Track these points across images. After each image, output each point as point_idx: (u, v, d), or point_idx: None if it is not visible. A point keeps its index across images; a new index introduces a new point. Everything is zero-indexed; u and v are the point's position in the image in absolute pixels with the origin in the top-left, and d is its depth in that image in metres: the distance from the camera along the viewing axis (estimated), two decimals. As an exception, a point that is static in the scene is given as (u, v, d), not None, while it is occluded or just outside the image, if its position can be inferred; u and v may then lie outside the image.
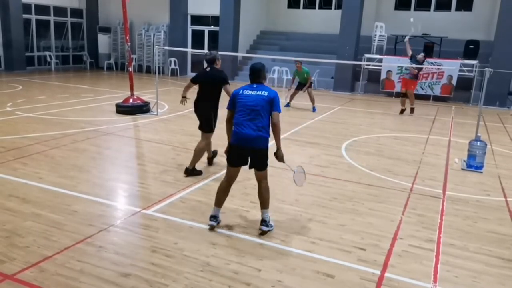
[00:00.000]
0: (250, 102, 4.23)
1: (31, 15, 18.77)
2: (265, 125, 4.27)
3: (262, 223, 4.37)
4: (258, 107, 4.22)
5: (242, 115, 4.23)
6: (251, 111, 4.21)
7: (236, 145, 4.27)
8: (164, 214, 4.65)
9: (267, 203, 4.41)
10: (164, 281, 3.41)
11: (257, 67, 4.41)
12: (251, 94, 4.27)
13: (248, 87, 4.35)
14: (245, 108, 4.22)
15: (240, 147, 4.26)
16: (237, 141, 4.25)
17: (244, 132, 4.20)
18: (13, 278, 3.36)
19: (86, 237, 4.05)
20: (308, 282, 3.50)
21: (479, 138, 6.94)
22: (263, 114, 4.23)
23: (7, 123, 8.62)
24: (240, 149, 4.27)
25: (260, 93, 4.27)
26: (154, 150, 7.34)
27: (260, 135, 4.23)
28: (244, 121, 4.21)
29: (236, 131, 4.24)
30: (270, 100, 4.26)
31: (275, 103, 4.30)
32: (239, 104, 4.26)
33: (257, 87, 4.33)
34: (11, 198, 4.89)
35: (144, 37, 19.91)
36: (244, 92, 4.30)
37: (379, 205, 5.26)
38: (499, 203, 5.57)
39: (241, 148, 4.26)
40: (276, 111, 4.31)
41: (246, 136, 4.20)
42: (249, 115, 4.21)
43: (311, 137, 8.70)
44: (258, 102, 4.23)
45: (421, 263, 3.91)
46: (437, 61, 15.04)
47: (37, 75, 17.04)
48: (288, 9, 20.77)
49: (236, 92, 4.35)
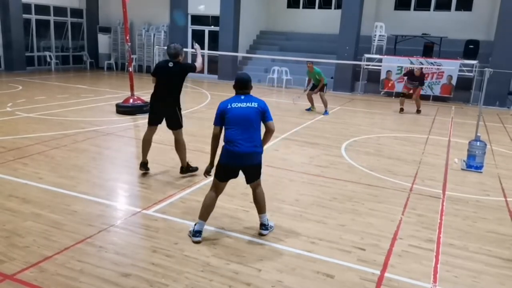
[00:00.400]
0: (243, 116, 3.98)
1: (31, 15, 18.76)
2: (259, 138, 4.10)
3: (262, 227, 4.31)
4: (251, 121, 4.01)
5: (236, 132, 3.98)
6: (245, 126, 3.99)
7: (229, 164, 4.07)
8: (164, 214, 4.66)
9: (264, 207, 4.32)
10: (165, 281, 3.41)
11: (246, 77, 4.20)
12: (242, 107, 4.01)
13: (237, 100, 4.07)
14: (239, 123, 3.98)
15: (234, 166, 4.08)
16: (231, 160, 4.03)
17: (239, 151, 3.97)
18: (13, 278, 3.37)
19: (86, 237, 4.06)
20: (308, 282, 3.50)
21: (478, 138, 6.95)
22: (256, 127, 4.05)
23: (7, 123, 8.63)
24: (234, 167, 4.09)
25: (250, 105, 4.03)
26: (154, 150, 7.31)
27: (256, 151, 4.07)
28: (239, 139, 3.97)
29: (230, 149, 3.99)
30: (262, 111, 4.07)
31: (267, 113, 4.11)
32: (230, 120, 3.99)
33: (245, 98, 4.08)
34: (11, 198, 4.90)
35: (144, 37, 19.92)
36: (234, 106, 4.01)
37: (379, 205, 5.26)
38: (499, 203, 5.58)
39: (235, 166, 4.08)
40: (270, 121, 4.11)
41: (242, 154, 3.99)
42: (243, 130, 3.98)
43: (311, 137, 8.71)
44: (251, 116, 4.01)
45: (421, 263, 3.92)
46: (437, 61, 15.04)
47: (37, 75, 17.04)
48: (287, 9, 20.78)
49: (224, 107, 4.03)
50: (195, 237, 4.09)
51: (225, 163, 4.08)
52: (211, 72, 19.73)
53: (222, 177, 4.17)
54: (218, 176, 4.18)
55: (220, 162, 4.12)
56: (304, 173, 6.37)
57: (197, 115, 8.34)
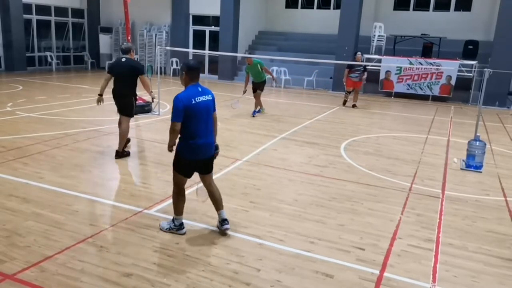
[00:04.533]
0: (205, 110, 4.06)
1: (31, 15, 18.77)
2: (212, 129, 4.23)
3: (224, 222, 4.29)
4: (210, 113, 4.14)
5: (201, 126, 4.05)
6: (206, 119, 4.09)
7: (196, 159, 4.10)
8: (166, 214, 4.67)
9: (222, 202, 4.36)
10: (166, 281, 3.43)
11: (198, 65, 4.21)
12: (203, 101, 4.05)
13: (196, 93, 4.04)
14: (202, 117, 4.04)
15: (200, 159, 4.12)
16: (198, 155, 4.08)
17: (205, 143, 4.07)
18: (13, 278, 3.38)
19: (87, 237, 4.07)
20: (307, 282, 3.52)
21: (478, 138, 6.96)
22: (211, 120, 4.18)
23: (8, 123, 8.64)
24: (200, 160, 4.13)
25: (208, 97, 4.11)
26: (156, 150, 7.37)
27: (214, 141, 4.22)
28: (203, 132, 4.06)
29: (197, 143, 4.03)
30: (213, 102, 4.20)
31: (214, 104, 4.22)
32: (196, 115, 3.99)
33: (203, 90, 4.10)
34: (12, 198, 4.91)
35: (145, 37, 19.93)
36: (197, 100, 4.00)
37: (378, 205, 5.28)
38: (499, 203, 5.60)
39: (201, 159, 4.12)
40: (214, 112, 4.22)
41: (208, 147, 4.11)
42: (205, 123, 4.08)
43: (310, 137, 8.72)
44: (210, 108, 4.12)
45: (420, 262, 3.93)
46: (436, 62, 15.06)
47: (37, 75, 17.05)
48: (286, 9, 20.79)
49: (188, 103, 3.95)
50: (182, 230, 4.24)
51: (192, 159, 4.10)
52: (211, 72, 19.76)
53: (188, 173, 4.21)
54: (183, 173, 4.19)
55: (185, 158, 4.10)
56: (303, 173, 6.39)
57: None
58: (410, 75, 15.43)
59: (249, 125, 9.65)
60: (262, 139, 8.26)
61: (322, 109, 12.32)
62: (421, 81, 15.36)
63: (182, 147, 4.08)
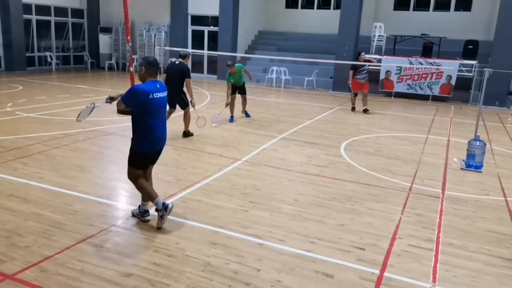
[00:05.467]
0: (163, 106, 4.29)
1: (31, 15, 18.76)
2: None
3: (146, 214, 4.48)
4: (165, 109, 4.39)
5: (158, 120, 4.25)
6: (162, 113, 4.33)
7: (152, 152, 4.35)
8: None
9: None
10: (166, 281, 3.43)
11: (157, 62, 4.38)
12: (161, 97, 4.22)
13: (155, 89, 4.15)
14: (160, 112, 4.26)
15: (156, 151, 4.39)
16: (155, 147, 4.33)
17: (160, 136, 4.31)
18: (13, 278, 3.38)
19: (87, 237, 4.07)
20: (307, 282, 3.52)
21: (478, 138, 6.96)
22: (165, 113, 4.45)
23: (8, 123, 8.64)
24: (156, 152, 4.40)
25: (164, 94, 4.29)
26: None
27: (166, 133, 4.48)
28: (160, 126, 4.29)
29: (154, 137, 4.24)
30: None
31: None
32: (154, 110, 4.16)
33: (160, 87, 4.23)
34: (12, 198, 4.91)
35: (145, 37, 19.93)
36: (155, 96, 4.13)
37: (378, 204, 5.28)
38: (499, 203, 5.59)
39: (157, 151, 4.39)
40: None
41: (161, 139, 4.37)
42: (162, 117, 4.33)
43: (310, 137, 8.72)
44: (165, 105, 4.36)
45: (420, 262, 3.93)
46: (436, 61, 15.06)
47: (37, 76, 17.05)
48: (286, 9, 20.79)
49: (145, 98, 4.08)
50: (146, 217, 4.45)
51: (149, 152, 4.32)
52: (210, 72, 19.75)
53: (145, 166, 4.43)
54: (141, 166, 4.38)
55: (143, 152, 4.30)
56: (303, 173, 6.39)
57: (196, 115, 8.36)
58: (410, 75, 15.43)
59: (249, 125, 9.65)
60: (262, 139, 8.26)
61: (322, 109, 12.32)
62: (421, 81, 15.35)
63: (139, 141, 4.25)
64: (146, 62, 4.20)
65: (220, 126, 9.24)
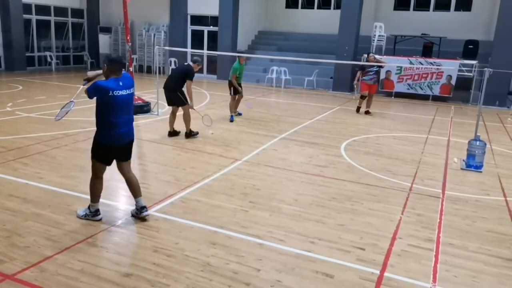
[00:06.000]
0: (126, 102, 4.28)
1: (31, 15, 18.77)
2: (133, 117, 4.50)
3: (143, 209, 4.50)
4: (131, 104, 4.39)
5: (121, 117, 4.26)
6: (126, 110, 4.32)
7: (115, 147, 4.34)
8: (165, 214, 4.67)
9: (140, 190, 4.56)
10: (166, 281, 3.42)
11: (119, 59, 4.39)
12: (124, 94, 4.23)
13: (118, 86, 4.18)
14: (123, 109, 4.26)
15: (120, 147, 4.37)
16: (117, 142, 4.32)
17: (124, 132, 4.33)
18: (13, 278, 3.38)
19: (87, 237, 4.07)
20: (307, 282, 3.52)
21: (478, 138, 6.96)
22: (132, 110, 4.47)
23: (8, 123, 8.64)
24: (119, 149, 4.38)
25: (129, 91, 4.30)
26: (155, 150, 7.36)
27: (133, 129, 4.49)
28: (123, 122, 4.29)
29: (118, 133, 4.27)
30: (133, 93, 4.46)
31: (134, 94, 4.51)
32: (116, 107, 4.19)
33: (123, 84, 4.24)
34: (12, 198, 4.91)
35: (144, 37, 19.94)
36: (115, 94, 4.15)
37: (378, 204, 5.27)
38: (499, 203, 5.59)
39: (119, 145, 4.36)
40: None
41: (126, 135, 4.36)
42: (125, 114, 4.32)
43: (310, 137, 8.72)
44: (131, 101, 4.37)
45: (420, 262, 3.93)
46: (436, 61, 15.06)
47: (37, 75, 17.05)
48: (286, 9, 20.80)
49: (106, 94, 4.12)
50: (98, 216, 4.43)
51: (111, 146, 4.33)
52: (210, 72, 19.75)
53: (107, 160, 4.42)
54: (103, 160, 4.39)
55: (105, 145, 4.32)
56: (303, 173, 6.39)
57: (196, 115, 8.35)
58: (410, 75, 15.44)
59: (249, 125, 9.64)
60: (262, 139, 8.26)
61: (322, 109, 12.32)
62: (421, 81, 15.35)
63: (101, 135, 4.31)
64: (108, 59, 4.27)
65: (220, 126, 9.23)
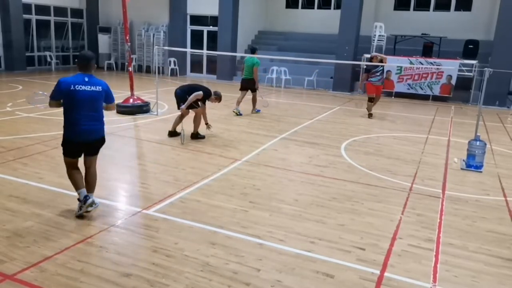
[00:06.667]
0: (89, 99, 4.26)
1: (31, 15, 18.77)
2: (102, 116, 4.48)
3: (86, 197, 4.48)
4: (96, 103, 4.34)
5: (82, 113, 4.28)
6: (90, 108, 4.30)
7: (77, 142, 4.39)
8: (164, 214, 4.66)
9: (94, 187, 4.60)
10: (165, 281, 3.42)
11: (89, 55, 4.38)
12: (87, 90, 4.22)
13: (81, 82, 4.23)
14: (84, 106, 4.25)
15: (82, 143, 4.40)
16: (79, 137, 4.36)
17: (87, 128, 4.33)
18: (13, 278, 3.37)
19: (86, 237, 4.06)
20: (308, 282, 3.51)
21: (478, 138, 6.96)
22: (99, 109, 4.43)
23: (8, 123, 8.63)
24: (82, 144, 4.41)
25: (95, 88, 4.29)
26: (154, 150, 7.36)
27: (100, 127, 4.47)
28: (84, 119, 4.30)
29: (80, 129, 4.31)
30: (105, 94, 4.42)
31: (108, 95, 4.47)
32: (76, 102, 4.22)
33: (89, 80, 4.26)
34: (12, 198, 4.91)
35: (144, 37, 19.93)
36: (77, 88, 4.19)
37: (379, 204, 5.27)
38: (499, 203, 5.59)
39: (83, 143, 4.40)
40: (112, 103, 4.53)
41: (91, 132, 4.37)
42: (88, 111, 4.30)
43: (310, 137, 8.71)
44: (95, 100, 4.32)
45: (421, 262, 3.92)
46: (436, 61, 15.06)
47: (37, 75, 17.04)
48: (286, 9, 20.79)
49: (67, 88, 4.21)
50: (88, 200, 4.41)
51: (76, 141, 4.40)
52: (209, 72, 19.75)
53: (73, 154, 4.49)
54: (70, 154, 4.50)
55: (70, 140, 4.41)
56: (303, 173, 6.39)
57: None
58: (410, 75, 15.44)
59: (249, 125, 9.64)
60: (262, 139, 8.25)
61: (322, 109, 12.31)
62: (421, 81, 15.36)
63: (67, 131, 4.40)
64: (77, 57, 4.34)
65: (220, 126, 9.23)
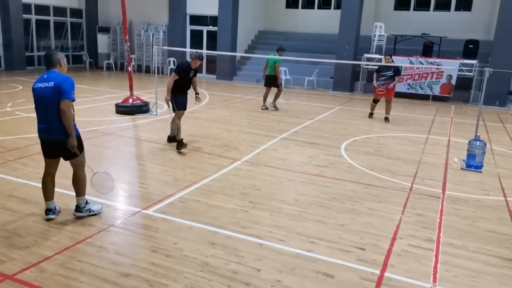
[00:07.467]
0: (40, 97, 4.17)
1: (31, 15, 18.77)
2: (55, 118, 4.16)
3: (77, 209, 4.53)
4: (46, 101, 4.13)
5: (38, 111, 4.26)
6: (42, 107, 4.20)
7: (43, 141, 4.38)
8: (164, 214, 4.66)
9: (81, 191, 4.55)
10: (164, 281, 3.42)
11: (49, 53, 4.33)
12: (41, 87, 4.15)
13: (40, 79, 4.21)
14: (38, 104, 4.22)
15: (48, 142, 4.37)
16: (40, 136, 4.36)
17: (44, 128, 4.28)
18: (13, 278, 3.37)
19: (86, 237, 4.06)
20: (308, 282, 3.51)
21: (478, 138, 6.95)
22: (53, 107, 4.11)
23: (7, 123, 8.63)
24: (48, 144, 4.37)
25: (47, 84, 4.12)
26: (154, 150, 7.35)
27: (54, 127, 4.21)
28: (43, 118, 4.25)
29: (39, 128, 4.32)
30: (57, 90, 4.07)
31: (62, 90, 4.07)
32: (34, 100, 4.21)
33: (47, 77, 4.16)
34: (12, 198, 4.91)
35: (143, 37, 19.92)
36: (35, 86, 4.19)
37: (379, 204, 5.27)
38: (499, 203, 5.58)
39: (49, 142, 4.36)
40: (63, 99, 4.05)
41: (46, 131, 4.29)
42: (42, 110, 4.23)
43: (310, 137, 8.71)
44: (46, 96, 4.11)
45: (421, 262, 3.92)
46: (436, 61, 15.05)
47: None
48: (286, 9, 20.79)
49: (32, 87, 4.24)
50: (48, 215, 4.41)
51: (40, 140, 4.39)
52: (209, 72, 19.74)
53: (44, 153, 4.47)
54: (43, 153, 4.49)
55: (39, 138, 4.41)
56: (304, 173, 6.38)
57: (195, 115, 8.35)
58: (410, 75, 15.43)
59: (249, 125, 9.64)
60: (262, 139, 8.25)
61: (322, 109, 12.31)
62: (421, 81, 15.35)
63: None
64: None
65: (220, 126, 9.23)
